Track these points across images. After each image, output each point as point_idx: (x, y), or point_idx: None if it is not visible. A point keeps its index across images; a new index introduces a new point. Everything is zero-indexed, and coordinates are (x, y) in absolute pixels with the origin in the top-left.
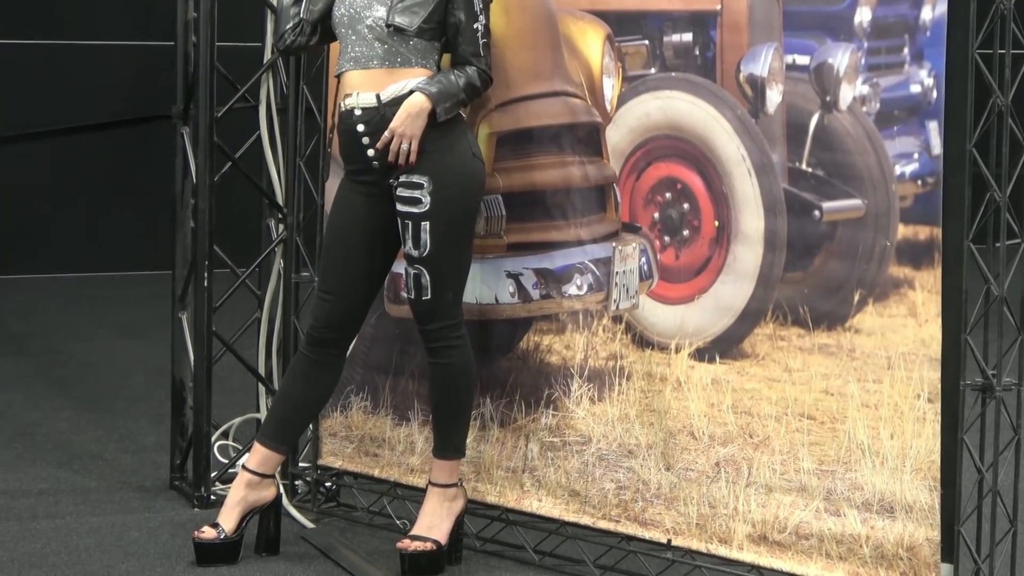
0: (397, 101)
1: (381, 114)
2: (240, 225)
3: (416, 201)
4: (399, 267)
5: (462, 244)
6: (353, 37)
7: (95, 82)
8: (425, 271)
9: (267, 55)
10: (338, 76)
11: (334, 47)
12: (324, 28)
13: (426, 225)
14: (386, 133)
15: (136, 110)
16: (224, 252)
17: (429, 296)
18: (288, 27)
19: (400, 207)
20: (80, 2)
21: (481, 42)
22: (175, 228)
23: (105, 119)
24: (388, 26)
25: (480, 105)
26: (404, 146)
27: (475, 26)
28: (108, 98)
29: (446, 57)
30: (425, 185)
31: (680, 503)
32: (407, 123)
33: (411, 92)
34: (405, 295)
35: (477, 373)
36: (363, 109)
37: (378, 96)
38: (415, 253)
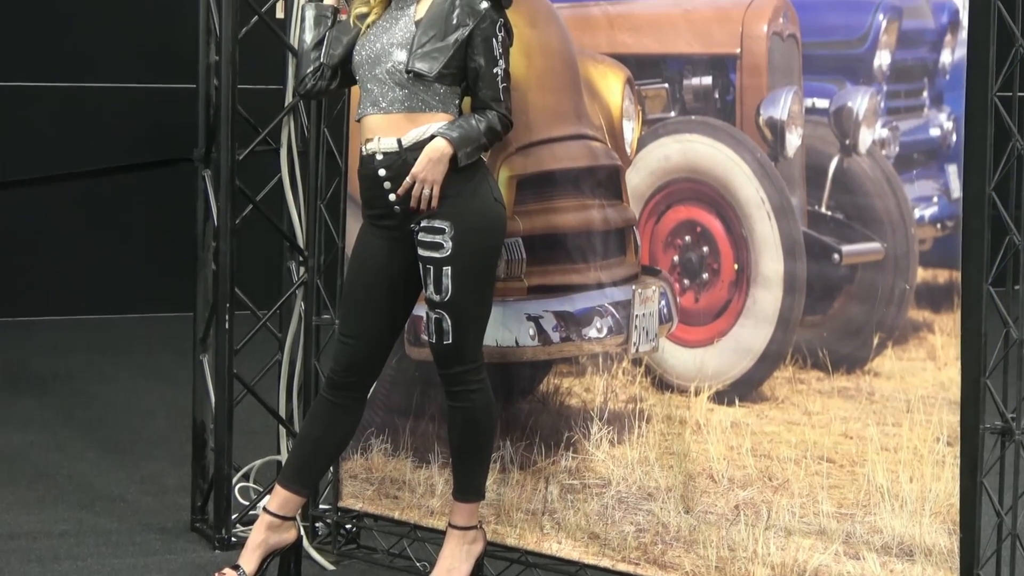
0: (418, 146)
1: (402, 159)
2: (261, 268)
3: (438, 246)
4: (420, 310)
5: (483, 288)
6: (373, 82)
7: (117, 125)
8: (447, 315)
9: (288, 98)
10: (359, 120)
11: (355, 90)
12: (344, 72)
13: (448, 270)
14: (408, 179)
15: (158, 153)
16: (245, 295)
17: (450, 340)
18: (309, 71)
19: (422, 252)
20: (102, 45)
21: (501, 86)
22: (197, 270)
23: (127, 162)
24: (408, 72)
25: (501, 148)
26: (426, 191)
27: (495, 71)
28: (130, 141)
29: (467, 100)
30: (447, 230)
31: (699, 546)
32: (429, 169)
33: (432, 137)
34: (426, 339)
35: (497, 416)
36: (384, 154)
37: (399, 141)
38: (437, 298)
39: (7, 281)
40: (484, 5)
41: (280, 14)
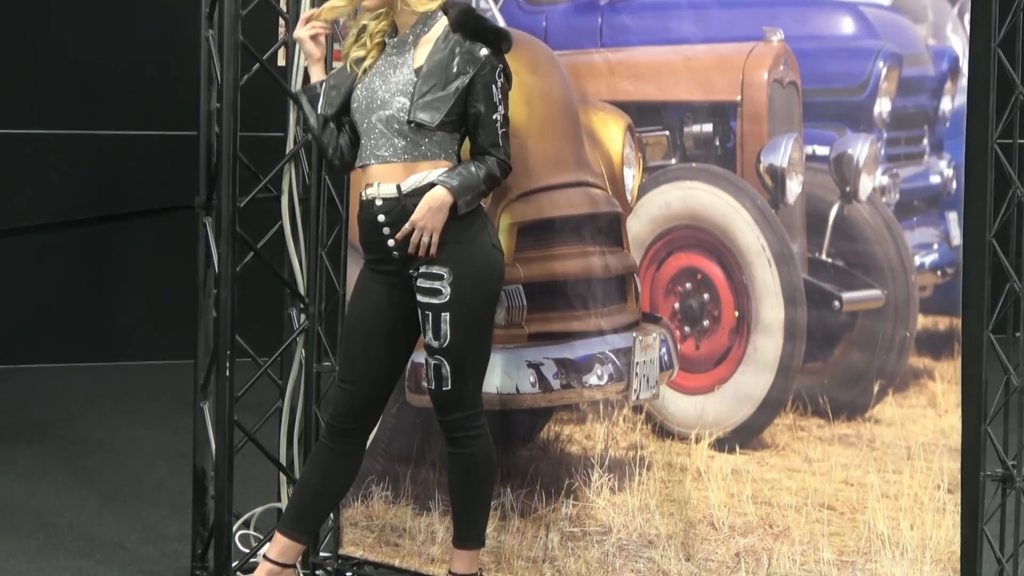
0: (417, 192)
1: (402, 205)
2: (262, 315)
3: (436, 292)
4: (420, 357)
5: (482, 335)
6: (373, 130)
7: (118, 172)
8: (445, 362)
9: (290, 145)
10: (360, 168)
11: None
12: (351, 127)
13: (446, 316)
14: (407, 225)
15: (159, 200)
16: (246, 342)
17: (449, 386)
18: (329, 154)
19: (420, 298)
20: (102, 92)
21: (500, 132)
22: (198, 317)
23: (128, 209)
24: (410, 122)
25: (501, 195)
26: (424, 239)
27: (494, 116)
28: (131, 188)
29: (466, 144)
30: (445, 276)
31: None
32: (428, 216)
33: (431, 184)
34: (426, 385)
35: (497, 463)
36: (384, 199)
37: (399, 187)
38: (435, 344)
39: (8, 328)
40: (484, 52)
41: (282, 61)
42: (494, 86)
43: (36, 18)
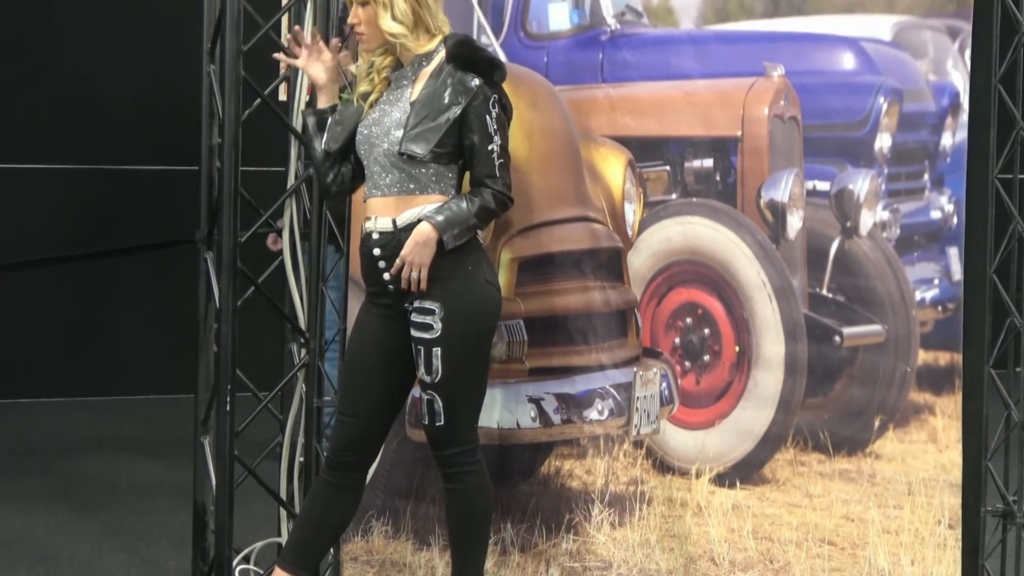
0: (412, 226)
1: (397, 239)
2: (263, 349)
3: (428, 327)
4: (418, 391)
5: (475, 370)
6: (373, 164)
7: (119, 206)
8: (438, 397)
9: (291, 180)
10: (364, 201)
11: None
12: (356, 160)
13: (437, 351)
14: (397, 261)
15: (160, 235)
16: (247, 376)
17: (442, 422)
18: (329, 180)
19: (413, 332)
20: (104, 126)
21: (497, 163)
22: (198, 352)
23: (129, 243)
24: (401, 154)
25: (502, 230)
26: (414, 274)
27: (489, 147)
28: (132, 222)
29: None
30: (436, 311)
31: None
32: (416, 252)
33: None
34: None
35: (497, 498)
36: (380, 233)
37: (394, 221)
38: (427, 378)
39: (9, 362)
40: (476, 82)
41: (283, 96)
42: (488, 116)
43: (38, 51)
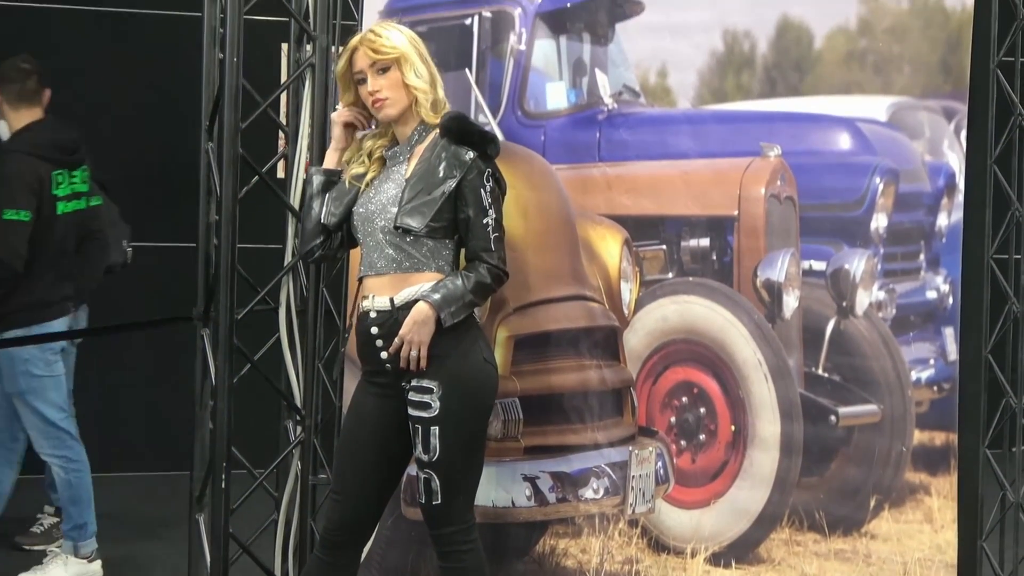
0: (409, 305)
1: (394, 318)
2: (258, 426)
3: (426, 406)
4: (415, 470)
5: (472, 449)
6: (369, 242)
7: (116, 283)
8: (435, 476)
9: (288, 258)
10: (359, 279)
11: (355, 249)
12: (346, 233)
13: (435, 430)
14: (396, 340)
15: (157, 312)
16: (242, 453)
17: (439, 501)
18: (317, 242)
19: (411, 411)
20: None
21: (492, 236)
22: (194, 429)
23: (126, 320)
24: (397, 228)
25: (498, 308)
26: (413, 353)
27: (484, 221)
28: (129, 299)
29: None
30: (435, 390)
31: None
32: (414, 331)
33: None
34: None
35: None
36: (378, 312)
37: (391, 300)
38: (425, 457)
39: None
40: (470, 155)
41: (281, 174)
42: (483, 190)
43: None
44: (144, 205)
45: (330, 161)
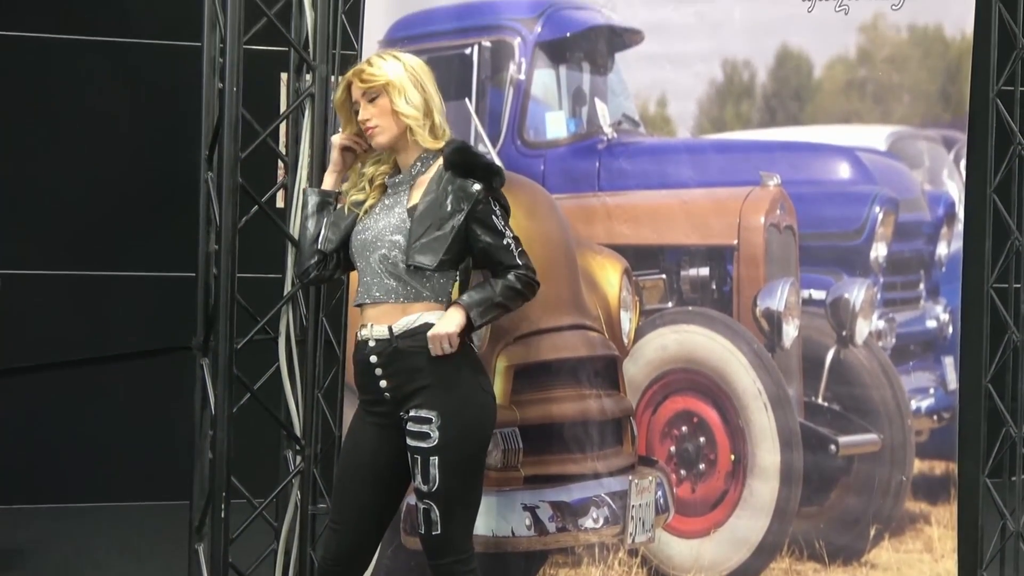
0: (408, 334)
1: (393, 346)
2: (258, 456)
3: (425, 436)
4: (413, 499)
5: (471, 479)
6: (369, 270)
7: (115, 312)
8: (434, 506)
9: (287, 287)
10: (357, 306)
11: (353, 277)
12: (344, 257)
13: (435, 460)
14: (428, 340)
15: (156, 341)
16: (242, 483)
17: (439, 531)
18: (312, 262)
19: (410, 441)
20: (100, 232)
21: (516, 251)
22: (193, 458)
23: (125, 350)
24: (408, 265)
25: (498, 337)
26: (445, 345)
27: (504, 242)
28: (128, 329)
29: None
30: (433, 420)
31: None
32: (441, 325)
33: (423, 325)
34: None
35: None
36: (376, 340)
37: (390, 328)
38: (424, 488)
39: (2, 468)
40: (476, 187)
41: (280, 204)
42: (494, 216)
43: (34, 156)
44: (143, 234)
45: (327, 183)
